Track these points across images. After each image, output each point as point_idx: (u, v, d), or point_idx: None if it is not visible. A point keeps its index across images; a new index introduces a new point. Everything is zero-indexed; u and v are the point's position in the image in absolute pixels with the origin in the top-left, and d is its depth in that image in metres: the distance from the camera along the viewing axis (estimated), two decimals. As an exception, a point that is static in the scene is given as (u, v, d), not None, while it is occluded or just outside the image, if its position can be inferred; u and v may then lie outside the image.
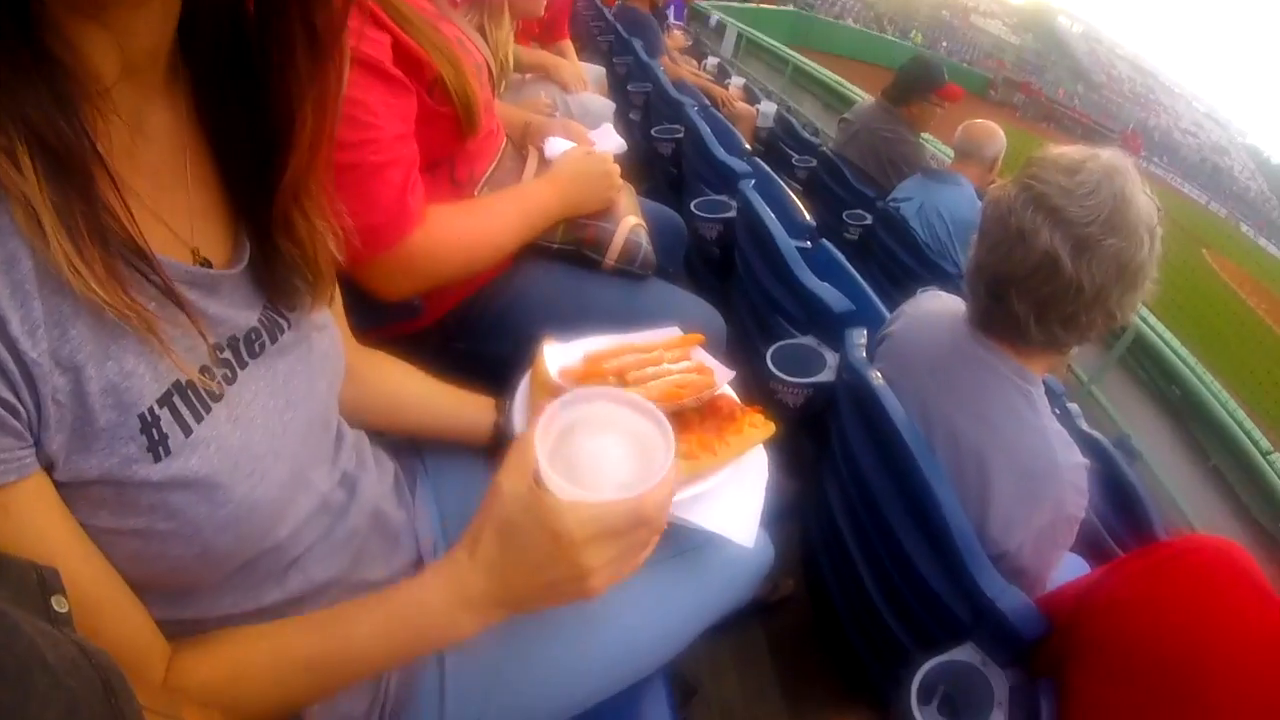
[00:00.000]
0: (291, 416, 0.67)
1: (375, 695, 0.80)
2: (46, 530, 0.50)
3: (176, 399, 0.54)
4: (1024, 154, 1.39)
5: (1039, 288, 1.15)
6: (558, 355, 0.99)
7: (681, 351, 1.01)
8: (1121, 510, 1.83)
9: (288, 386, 0.67)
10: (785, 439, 1.00)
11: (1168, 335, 3.89)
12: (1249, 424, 3.45)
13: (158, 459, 0.53)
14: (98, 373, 0.49)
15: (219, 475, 0.57)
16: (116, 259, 0.49)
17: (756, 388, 1.51)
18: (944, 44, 38.43)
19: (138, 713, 0.37)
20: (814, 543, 1.63)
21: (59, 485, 0.50)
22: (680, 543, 0.98)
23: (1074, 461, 1.20)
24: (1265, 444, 3.37)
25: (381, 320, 1.23)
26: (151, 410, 0.53)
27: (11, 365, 0.45)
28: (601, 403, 0.70)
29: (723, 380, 1.00)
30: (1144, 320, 3.86)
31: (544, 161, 1.57)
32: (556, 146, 1.57)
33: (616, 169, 1.52)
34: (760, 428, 0.96)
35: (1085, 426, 2.17)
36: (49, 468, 0.50)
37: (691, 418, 0.95)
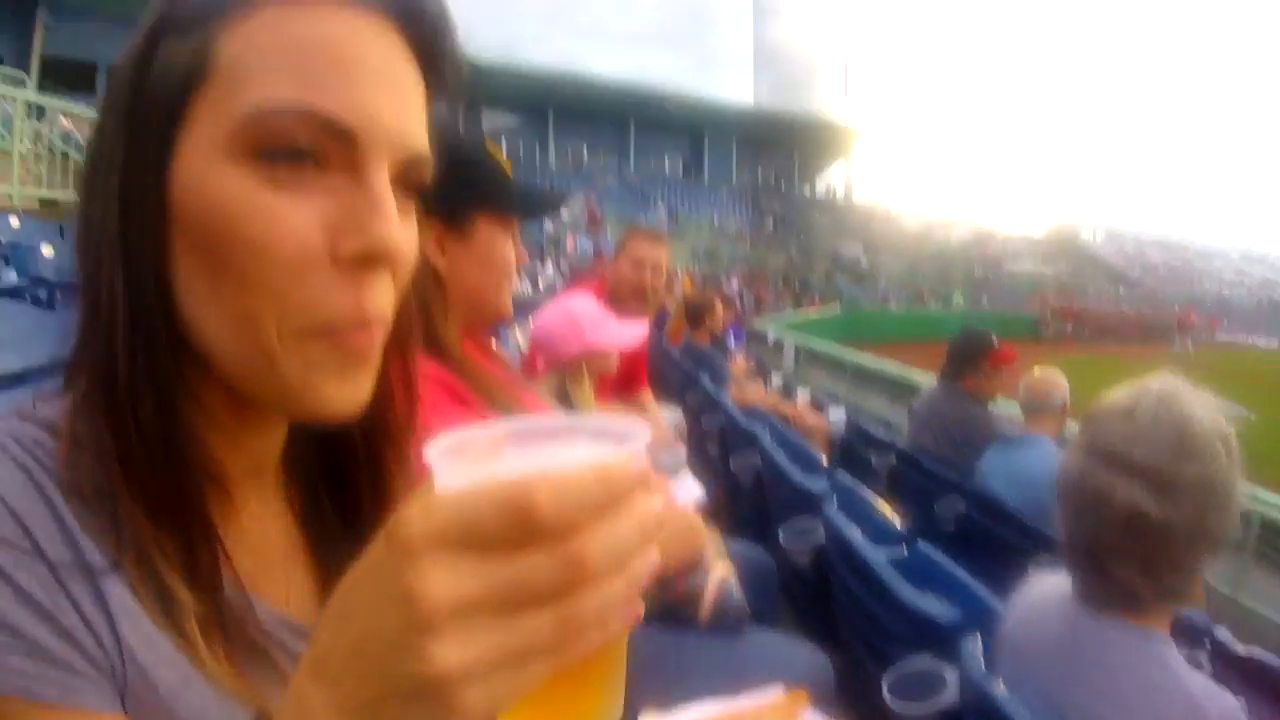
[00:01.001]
0: None
1: None
2: None
3: None
4: (1094, 381, 1.38)
5: (1135, 545, 1.12)
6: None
7: (788, 713, 1.02)
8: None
9: None
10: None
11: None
12: None
13: None
14: (185, 692, 0.51)
15: None
16: (235, 643, 0.54)
17: (880, 720, 1.46)
18: (984, 298, 39.55)
19: None
20: None
21: None
22: None
23: (1225, 706, 1.10)
24: None
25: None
26: None
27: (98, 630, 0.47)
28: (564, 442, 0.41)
29: None
30: (1265, 502, 3.52)
31: None
32: None
33: (700, 521, 1.62)
34: None
35: (1242, 650, 1.93)
36: None
37: None
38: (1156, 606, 1.19)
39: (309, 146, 0.47)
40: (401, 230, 0.50)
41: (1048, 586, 1.41)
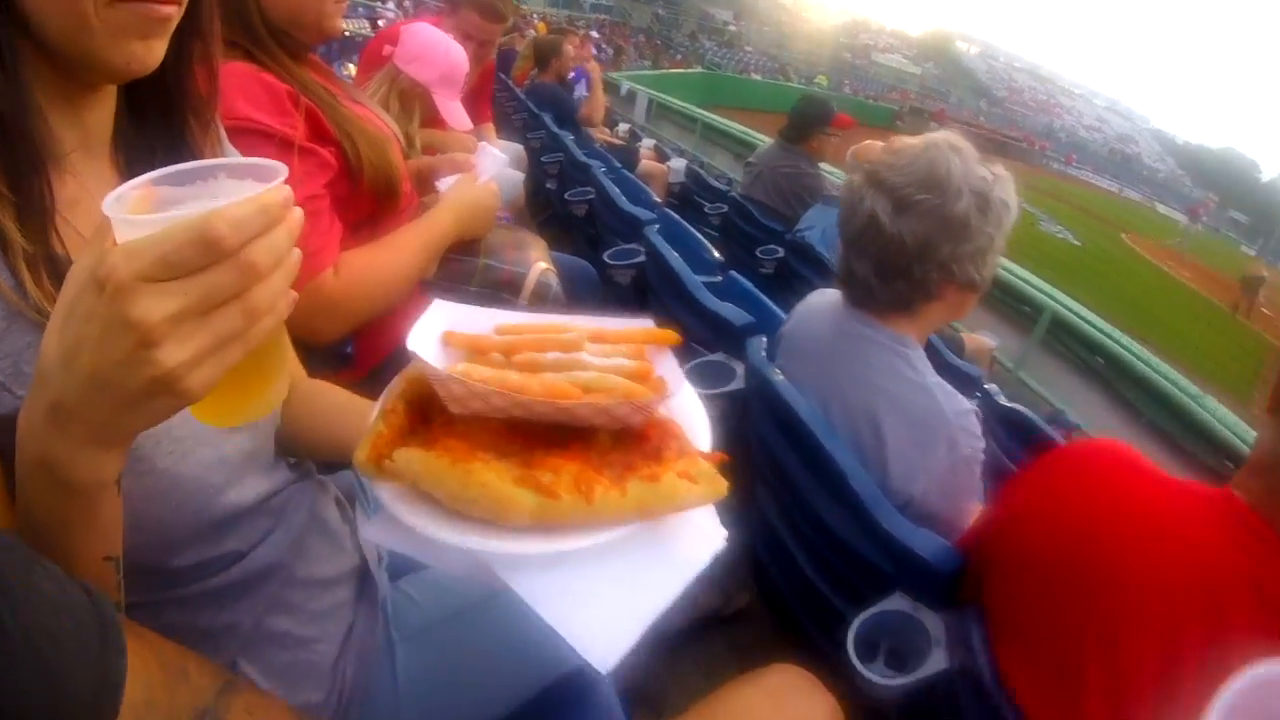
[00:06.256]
0: None
1: (331, 685, 0.87)
2: None
3: None
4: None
5: (868, 246, 1.31)
6: (457, 318, 0.69)
7: (634, 348, 0.68)
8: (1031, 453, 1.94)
9: None
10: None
11: (1084, 312, 4.09)
12: (1174, 374, 3.61)
13: None
14: (7, 329, 0.57)
15: (140, 447, 0.63)
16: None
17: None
18: (848, 84, 39.59)
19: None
20: (759, 550, 1.71)
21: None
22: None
23: (960, 407, 1.30)
24: (1193, 389, 3.52)
25: (314, 370, 1.30)
26: None
27: None
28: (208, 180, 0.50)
29: (681, 403, 0.66)
30: (1059, 302, 4.05)
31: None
32: (447, 183, 1.71)
33: (496, 190, 1.69)
34: (704, 484, 0.58)
35: (1005, 402, 2.27)
36: None
37: (603, 440, 0.60)
38: (900, 316, 1.36)
39: None
40: None
41: (823, 297, 1.56)
